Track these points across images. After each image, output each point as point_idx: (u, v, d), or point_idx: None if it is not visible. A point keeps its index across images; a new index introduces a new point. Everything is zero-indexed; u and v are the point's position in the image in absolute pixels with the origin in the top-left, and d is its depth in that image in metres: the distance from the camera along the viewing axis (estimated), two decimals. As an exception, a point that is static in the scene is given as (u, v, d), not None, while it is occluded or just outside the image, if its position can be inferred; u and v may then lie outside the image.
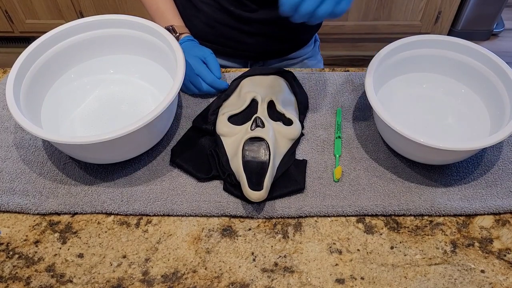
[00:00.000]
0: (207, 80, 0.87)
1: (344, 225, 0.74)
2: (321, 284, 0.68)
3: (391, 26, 2.13)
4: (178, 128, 0.85)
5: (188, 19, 1.00)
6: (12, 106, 0.72)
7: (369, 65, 0.80)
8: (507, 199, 0.76)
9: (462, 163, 0.80)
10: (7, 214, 0.76)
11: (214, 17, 0.98)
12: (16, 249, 0.72)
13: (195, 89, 0.89)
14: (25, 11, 2.10)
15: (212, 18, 0.98)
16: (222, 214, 0.75)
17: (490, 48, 0.84)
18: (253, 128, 0.77)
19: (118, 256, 0.71)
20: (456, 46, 0.84)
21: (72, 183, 0.78)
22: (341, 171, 0.78)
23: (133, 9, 2.07)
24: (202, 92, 0.89)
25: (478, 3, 2.08)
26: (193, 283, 0.68)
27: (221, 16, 0.97)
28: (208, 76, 0.87)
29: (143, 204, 0.76)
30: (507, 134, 0.70)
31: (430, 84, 0.89)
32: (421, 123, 0.84)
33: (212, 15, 0.98)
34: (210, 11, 0.97)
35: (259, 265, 0.70)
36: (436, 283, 0.68)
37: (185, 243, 0.72)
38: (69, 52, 0.86)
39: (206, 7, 0.97)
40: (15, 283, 0.69)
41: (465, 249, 0.71)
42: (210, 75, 0.88)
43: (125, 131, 0.68)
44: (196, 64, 0.88)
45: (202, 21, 0.99)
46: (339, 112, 0.87)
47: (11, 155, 0.82)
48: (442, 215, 0.75)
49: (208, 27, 1.00)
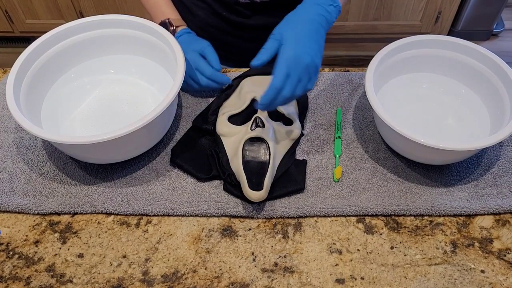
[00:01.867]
0: (206, 74, 0.84)
1: (344, 225, 0.74)
2: (321, 284, 0.68)
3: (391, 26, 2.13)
4: (178, 128, 0.85)
5: None
6: (12, 106, 0.72)
7: (369, 65, 0.80)
8: (507, 199, 0.76)
9: (462, 163, 0.80)
10: (7, 214, 0.76)
11: (208, 22, 0.98)
12: (16, 249, 0.72)
13: (195, 85, 0.86)
14: (25, 11, 2.09)
15: (206, 22, 0.98)
16: (222, 214, 0.75)
17: (490, 48, 0.84)
18: (253, 128, 0.77)
19: (118, 256, 0.71)
20: (456, 46, 0.84)
21: (72, 183, 0.78)
22: (341, 171, 0.78)
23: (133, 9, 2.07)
24: (203, 88, 0.86)
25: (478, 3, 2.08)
26: (193, 283, 0.68)
27: (215, 21, 0.98)
28: (207, 70, 0.84)
29: (143, 204, 0.76)
30: (507, 134, 0.70)
31: (430, 84, 0.89)
32: (421, 123, 0.84)
33: (206, 20, 0.98)
34: (204, 15, 0.98)
35: (259, 265, 0.70)
36: (436, 283, 0.68)
37: (185, 243, 0.72)
38: (69, 52, 0.86)
39: (200, 11, 0.97)
40: (15, 283, 0.69)
41: (465, 249, 0.71)
42: (208, 68, 0.84)
43: (125, 131, 0.68)
44: (194, 59, 0.85)
45: (196, 25, 1.00)
46: (339, 112, 0.87)
47: (11, 155, 0.82)
48: (442, 215, 0.75)
49: (202, 31, 1.00)
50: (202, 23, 0.99)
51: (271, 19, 0.96)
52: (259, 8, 0.94)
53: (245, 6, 0.93)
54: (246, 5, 0.93)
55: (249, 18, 0.95)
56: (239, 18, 0.96)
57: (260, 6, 0.93)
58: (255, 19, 0.96)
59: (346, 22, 2.11)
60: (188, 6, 0.98)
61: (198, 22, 0.99)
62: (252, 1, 0.92)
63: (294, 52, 0.67)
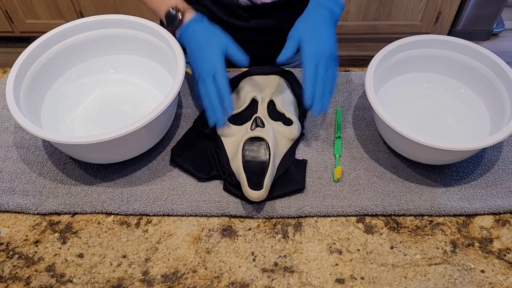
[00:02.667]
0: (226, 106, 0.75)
1: (344, 225, 0.74)
2: (321, 284, 0.68)
3: (391, 26, 2.13)
4: (178, 128, 0.85)
5: None
6: (12, 106, 0.72)
7: (369, 65, 0.80)
8: (507, 199, 0.76)
9: (462, 163, 0.80)
10: (7, 214, 0.76)
11: None
12: (16, 249, 0.72)
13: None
14: (25, 11, 2.09)
15: None
16: (222, 214, 0.75)
17: (490, 48, 0.84)
18: (253, 128, 0.77)
19: (118, 256, 0.71)
20: (456, 46, 0.84)
21: (72, 183, 0.78)
22: (341, 171, 0.78)
23: (133, 9, 2.07)
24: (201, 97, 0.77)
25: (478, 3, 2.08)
26: (193, 283, 0.68)
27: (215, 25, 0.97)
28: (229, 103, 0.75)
29: (143, 204, 0.76)
30: (507, 134, 0.70)
31: (430, 84, 0.89)
32: (421, 123, 0.84)
33: None
34: None
35: (259, 265, 0.70)
36: (436, 283, 0.68)
37: (185, 243, 0.72)
38: (69, 52, 0.86)
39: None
40: (15, 283, 0.69)
41: (465, 249, 0.71)
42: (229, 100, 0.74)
43: (125, 131, 0.68)
44: (216, 62, 0.75)
45: None
46: (339, 112, 0.87)
47: (11, 155, 0.82)
48: (442, 215, 0.75)
49: None
50: None
51: (271, 22, 0.97)
52: (259, 11, 0.94)
53: (246, 9, 0.93)
54: (247, 8, 0.93)
55: (248, 21, 0.96)
56: (239, 21, 0.96)
57: (261, 9, 0.93)
58: (255, 21, 0.96)
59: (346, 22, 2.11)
60: None
61: None
62: (253, 4, 0.92)
63: (316, 47, 0.75)
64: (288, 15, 0.97)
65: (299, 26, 0.79)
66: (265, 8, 0.93)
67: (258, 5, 0.92)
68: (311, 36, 0.76)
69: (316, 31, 0.77)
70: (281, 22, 0.97)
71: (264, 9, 0.93)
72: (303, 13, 0.80)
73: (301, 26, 0.78)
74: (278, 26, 0.97)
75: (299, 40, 0.76)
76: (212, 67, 0.74)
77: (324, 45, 0.76)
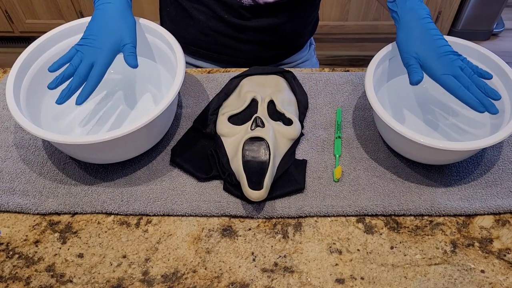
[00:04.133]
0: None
1: (344, 225, 0.74)
2: (321, 284, 0.68)
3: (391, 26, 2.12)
4: (178, 128, 0.85)
5: (183, 28, 1.01)
6: (12, 106, 0.72)
7: (369, 65, 0.80)
8: (507, 199, 0.76)
9: (462, 163, 0.80)
10: (7, 214, 0.76)
11: (209, 26, 0.98)
12: (16, 249, 0.72)
13: None
14: (25, 11, 2.10)
15: (207, 26, 0.98)
16: (222, 214, 0.75)
17: (490, 48, 0.84)
18: (253, 128, 0.77)
19: (118, 256, 0.71)
20: (456, 46, 0.84)
21: (72, 183, 0.78)
22: (341, 171, 0.78)
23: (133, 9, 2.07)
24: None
25: (478, 3, 2.08)
26: (193, 283, 0.68)
27: (216, 25, 0.98)
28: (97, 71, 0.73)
29: (143, 204, 0.76)
30: (507, 134, 0.70)
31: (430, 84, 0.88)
32: (421, 123, 0.84)
33: (207, 24, 0.98)
34: (205, 19, 0.98)
35: (259, 265, 0.70)
36: (436, 283, 0.68)
37: (185, 243, 0.72)
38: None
39: (201, 15, 0.97)
40: (15, 283, 0.69)
41: (465, 249, 0.71)
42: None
43: (125, 131, 0.68)
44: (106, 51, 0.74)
45: (197, 29, 1.00)
46: (339, 112, 0.87)
47: (11, 155, 0.82)
48: (442, 215, 0.75)
49: (204, 35, 1.00)
50: (203, 27, 0.99)
51: (273, 21, 0.97)
52: (262, 10, 0.94)
53: (248, 9, 0.93)
54: (249, 7, 0.93)
55: (250, 20, 0.96)
56: (241, 21, 0.96)
57: (263, 9, 0.93)
58: (257, 21, 0.96)
59: (346, 22, 2.11)
60: (188, 10, 0.98)
61: (199, 27, 0.99)
62: (255, 3, 0.92)
63: (440, 61, 0.73)
64: (289, 15, 0.97)
65: (411, 46, 0.75)
66: (267, 7, 0.93)
67: (260, 4, 0.92)
68: (428, 52, 0.74)
69: (429, 47, 0.74)
70: (282, 22, 0.97)
71: (266, 8, 0.93)
72: (406, 30, 0.76)
73: (413, 45, 0.75)
74: (278, 26, 0.98)
75: (419, 59, 0.74)
76: (104, 47, 0.74)
77: (444, 53, 0.73)
